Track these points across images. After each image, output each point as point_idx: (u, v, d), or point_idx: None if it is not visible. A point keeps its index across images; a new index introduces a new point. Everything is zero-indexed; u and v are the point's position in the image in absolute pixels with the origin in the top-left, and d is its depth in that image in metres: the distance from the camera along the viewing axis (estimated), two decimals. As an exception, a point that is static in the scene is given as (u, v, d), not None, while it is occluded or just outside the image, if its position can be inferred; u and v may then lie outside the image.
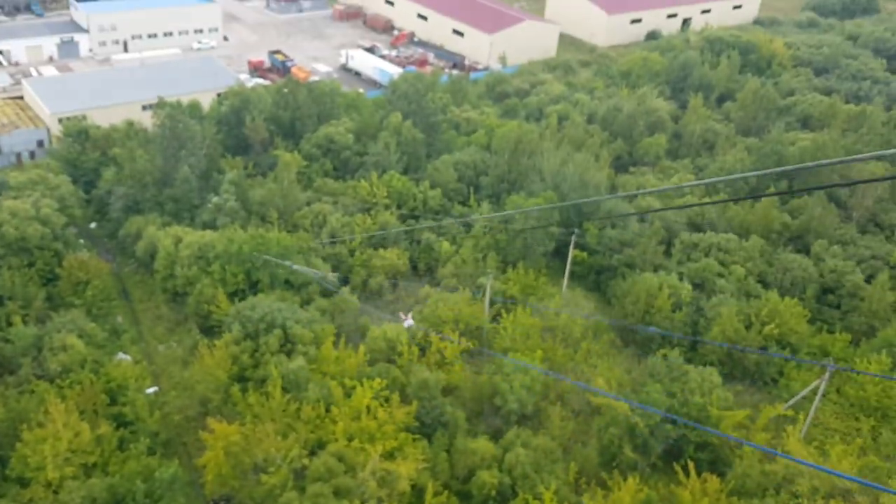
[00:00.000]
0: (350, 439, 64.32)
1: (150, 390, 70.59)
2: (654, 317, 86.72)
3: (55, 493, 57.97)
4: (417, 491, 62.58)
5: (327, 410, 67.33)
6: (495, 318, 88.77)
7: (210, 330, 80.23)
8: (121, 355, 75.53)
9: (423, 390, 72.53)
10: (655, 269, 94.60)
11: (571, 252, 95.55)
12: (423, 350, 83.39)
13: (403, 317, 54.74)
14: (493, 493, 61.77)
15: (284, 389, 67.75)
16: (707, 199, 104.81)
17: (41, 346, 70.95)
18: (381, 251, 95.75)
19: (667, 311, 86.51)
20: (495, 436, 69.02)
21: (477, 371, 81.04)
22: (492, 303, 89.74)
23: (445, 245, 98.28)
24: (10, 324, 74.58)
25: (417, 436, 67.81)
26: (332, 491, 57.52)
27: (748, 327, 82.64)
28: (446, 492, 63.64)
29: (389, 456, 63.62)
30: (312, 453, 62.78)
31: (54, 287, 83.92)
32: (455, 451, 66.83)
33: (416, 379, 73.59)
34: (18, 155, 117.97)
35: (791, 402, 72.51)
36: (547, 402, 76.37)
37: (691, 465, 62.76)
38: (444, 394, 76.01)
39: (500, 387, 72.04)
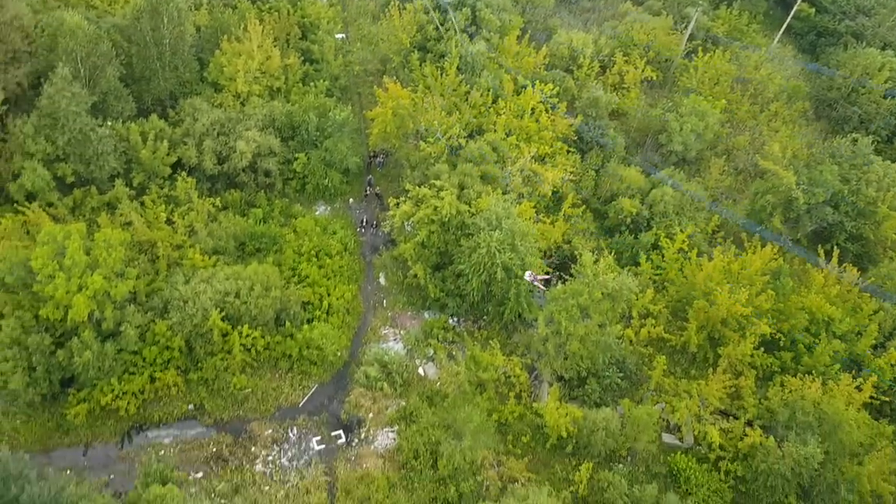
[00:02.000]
0: (508, 134, 66.24)
1: (339, 36, 73.71)
2: (860, 98, 78.79)
3: (242, 104, 64.55)
4: (557, 198, 65.19)
5: (494, 101, 68.73)
6: (690, 54, 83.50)
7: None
8: (317, -3, 77.91)
9: (592, 108, 71.94)
10: (884, 48, 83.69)
11: (798, 4, 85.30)
12: (603, 69, 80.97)
13: (531, 275, 54.86)
14: (629, 220, 63.36)
15: (459, 70, 69.05)
16: None
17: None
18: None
19: (877, 95, 78.12)
20: (649, 171, 68.90)
21: (651, 104, 78.66)
22: (691, 37, 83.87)
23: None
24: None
25: (573, 149, 68.84)
26: (479, 174, 60.85)
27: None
28: (585, 206, 65.92)
29: (540, 159, 65.54)
30: (471, 136, 65.52)
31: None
32: (604, 172, 67.77)
33: (588, 95, 72.71)
34: None
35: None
36: (713, 152, 74.23)
37: (836, 252, 61.12)
38: (611, 117, 75.17)
39: (671, 125, 70.13)
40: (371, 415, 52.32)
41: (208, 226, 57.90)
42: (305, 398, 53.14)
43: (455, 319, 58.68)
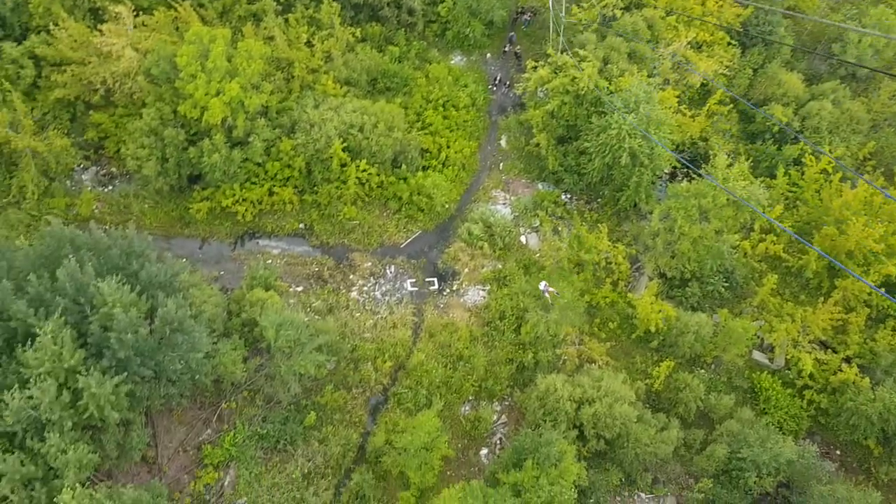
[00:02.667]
0: (668, 13, 61.81)
1: None
2: None
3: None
4: (705, 92, 61.32)
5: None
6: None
7: None
8: None
9: (767, 1, 65.80)
10: None
11: None
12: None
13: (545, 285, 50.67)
14: (776, 129, 59.07)
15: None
16: None
17: None
18: None
19: None
20: (811, 79, 63.38)
21: (834, 7, 71.13)
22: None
23: None
24: None
25: (734, 42, 63.71)
26: (627, 51, 57.61)
27: None
28: (732, 106, 61.79)
29: (697, 47, 61.19)
30: (627, 8, 61.58)
31: None
32: (763, 73, 62.78)
33: (765, -15, 66.31)
34: None
35: None
36: (888, 74, 67.09)
37: None
38: (784, 14, 68.63)
39: (849, 35, 63.48)
40: (466, 270, 53.28)
41: (345, 55, 58.05)
42: (407, 241, 54.51)
43: (568, 196, 57.72)
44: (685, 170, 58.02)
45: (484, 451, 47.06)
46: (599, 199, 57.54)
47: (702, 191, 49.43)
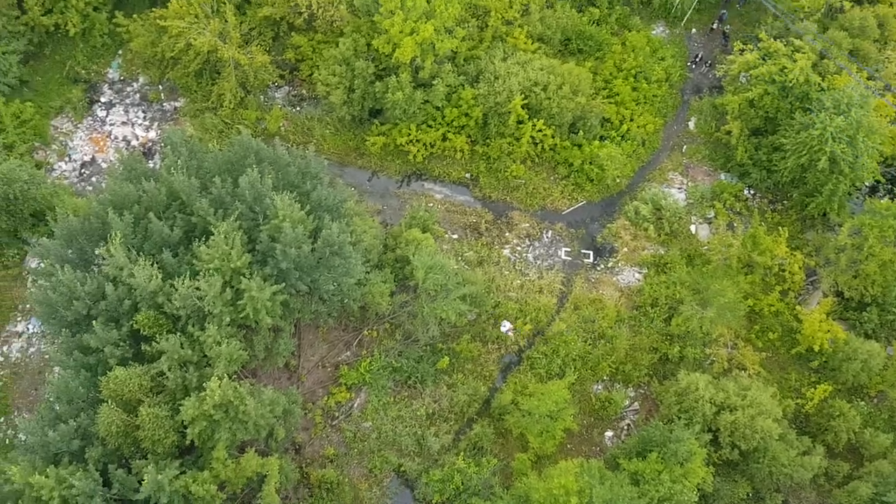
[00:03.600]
0: (906, 11, 55.67)
1: None
2: None
3: None
4: (930, 105, 55.00)
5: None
6: None
7: None
8: None
9: None
10: None
11: None
12: None
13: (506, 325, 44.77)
14: None
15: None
16: None
17: None
18: None
19: None
20: None
21: None
22: None
23: None
24: None
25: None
26: (850, 48, 52.55)
27: None
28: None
29: (932, 53, 54.85)
30: (858, 2, 55.98)
31: None
32: None
33: None
34: None
35: None
36: None
37: None
38: None
39: None
40: (625, 249, 51.50)
41: (542, 10, 56.76)
42: (570, 209, 53.34)
43: (751, 191, 54.05)
44: (890, 186, 52.63)
45: (609, 434, 45.94)
46: (785, 201, 53.47)
47: (905, 212, 44.74)
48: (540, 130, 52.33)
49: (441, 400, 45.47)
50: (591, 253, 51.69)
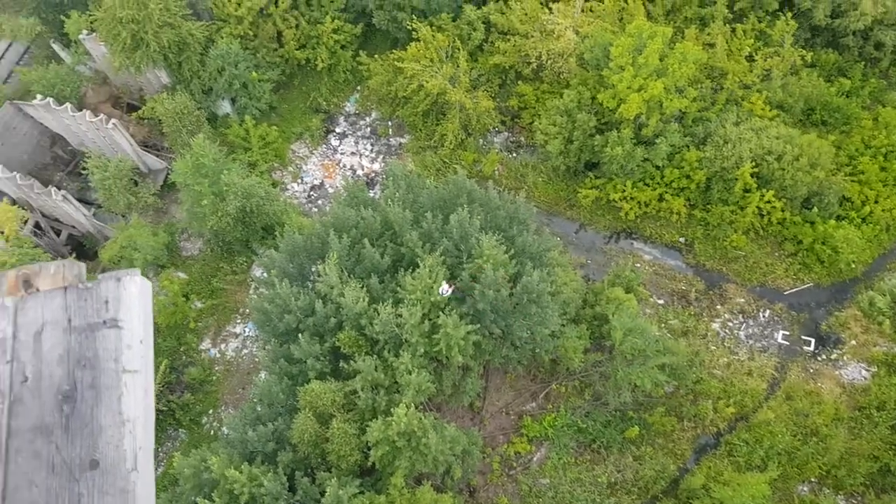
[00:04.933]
0: None
1: None
2: None
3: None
4: None
5: None
6: None
7: None
8: None
9: None
10: None
11: None
12: None
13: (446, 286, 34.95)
14: None
15: None
16: None
17: None
18: None
19: None
20: None
21: None
22: None
23: None
24: None
25: None
26: None
27: None
28: None
29: None
30: None
31: None
32: None
33: None
34: None
35: None
36: None
37: None
38: None
39: None
40: (854, 342, 46.27)
41: (786, 77, 53.49)
42: (794, 290, 49.01)
43: None
44: None
45: (811, 546, 40.97)
46: None
47: None
48: (769, 202, 48.83)
49: (625, 470, 42.95)
50: (813, 340, 46.98)
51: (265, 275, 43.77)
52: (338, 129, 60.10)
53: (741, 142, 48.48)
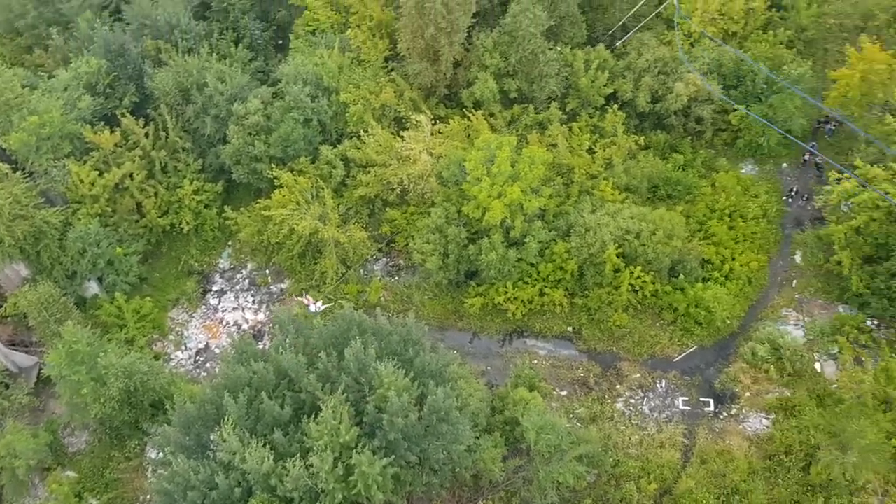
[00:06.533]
0: None
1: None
2: None
3: (691, 45, 61.75)
4: None
5: None
6: None
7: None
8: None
9: None
10: None
11: None
12: None
13: (308, 301, 43.24)
14: None
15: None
16: None
17: None
18: None
19: None
20: None
21: None
22: None
23: None
24: None
25: None
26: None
27: None
28: None
29: None
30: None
31: None
32: None
33: None
34: None
35: None
36: None
37: None
38: None
39: None
40: (748, 394, 48.54)
41: (626, 162, 57.75)
42: (682, 355, 51.25)
43: (875, 322, 50.74)
44: None
45: None
46: (916, 329, 49.89)
47: None
48: (638, 277, 51.57)
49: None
50: (711, 401, 48.88)
51: (161, 454, 41.46)
52: (215, 288, 59.24)
53: (600, 227, 51.44)
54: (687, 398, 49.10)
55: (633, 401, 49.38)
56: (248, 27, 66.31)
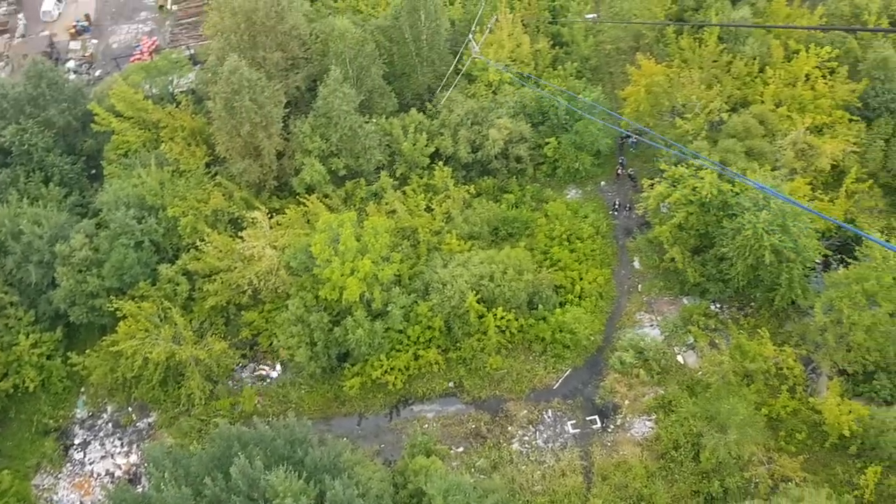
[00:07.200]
0: (777, 105, 60.60)
1: (590, 16, 72.35)
2: None
3: (494, 93, 65.75)
4: (838, 173, 58.37)
5: (761, 70, 63.14)
6: None
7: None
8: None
9: (881, 69, 63.16)
10: None
11: None
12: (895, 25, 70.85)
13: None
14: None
15: (721, 39, 64.42)
16: None
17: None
18: None
19: None
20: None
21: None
22: None
23: None
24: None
25: (856, 118, 61.04)
26: (744, 150, 56.40)
27: None
28: (871, 181, 58.28)
29: (817, 130, 59.11)
30: (733, 110, 60.92)
31: None
32: (896, 141, 59.43)
33: (875, 56, 63.93)
34: None
35: None
36: None
37: None
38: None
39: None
40: (627, 401, 50.91)
41: (463, 212, 59.95)
42: (559, 381, 53.11)
43: (717, 305, 55.07)
44: (839, 255, 54.36)
45: None
46: (752, 303, 54.47)
47: (863, 274, 46.01)
48: (502, 317, 53.21)
49: None
50: (597, 417, 50.86)
51: None
52: (77, 441, 55.12)
53: (455, 279, 52.83)
54: (574, 421, 50.80)
55: (526, 438, 50.44)
56: (55, 164, 63.59)
